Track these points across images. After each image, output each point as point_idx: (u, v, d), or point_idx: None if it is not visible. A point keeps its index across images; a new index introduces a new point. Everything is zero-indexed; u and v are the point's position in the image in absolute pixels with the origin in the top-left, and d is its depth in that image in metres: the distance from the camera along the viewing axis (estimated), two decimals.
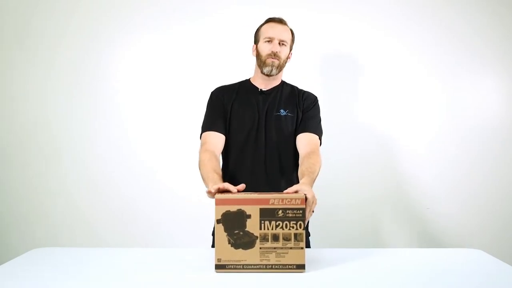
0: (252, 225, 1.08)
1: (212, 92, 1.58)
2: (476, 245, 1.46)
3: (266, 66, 1.48)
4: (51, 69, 2.22)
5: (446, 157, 2.19)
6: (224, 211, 1.09)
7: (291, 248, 1.08)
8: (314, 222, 1.56)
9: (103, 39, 2.22)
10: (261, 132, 1.49)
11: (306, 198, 1.11)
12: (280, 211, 1.09)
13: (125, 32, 2.22)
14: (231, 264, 1.08)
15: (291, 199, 1.09)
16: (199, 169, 1.39)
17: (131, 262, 1.19)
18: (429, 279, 1.05)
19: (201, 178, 1.36)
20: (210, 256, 1.15)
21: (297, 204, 1.08)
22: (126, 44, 2.23)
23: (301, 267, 1.08)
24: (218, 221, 1.09)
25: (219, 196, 1.11)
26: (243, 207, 1.09)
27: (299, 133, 1.49)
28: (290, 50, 1.55)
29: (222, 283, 1.03)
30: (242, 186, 1.17)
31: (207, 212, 1.59)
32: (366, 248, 1.34)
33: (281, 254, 1.08)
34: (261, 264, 1.08)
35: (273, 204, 1.09)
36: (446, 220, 2.19)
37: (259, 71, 1.53)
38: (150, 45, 2.22)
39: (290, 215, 1.08)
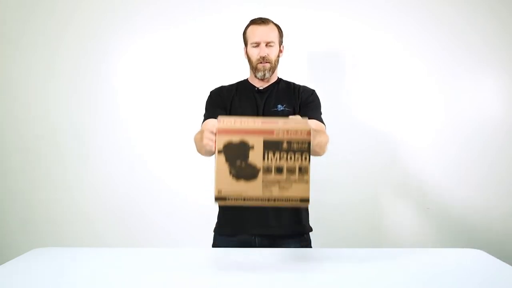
0: (255, 157, 1.03)
1: (211, 91, 1.60)
2: (476, 245, 1.46)
3: (258, 71, 1.51)
4: (51, 69, 2.22)
5: (446, 157, 2.19)
6: (226, 141, 1.03)
7: (295, 181, 1.04)
8: (314, 220, 1.56)
9: (103, 39, 2.22)
10: None
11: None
12: (285, 143, 1.03)
13: (125, 32, 2.22)
14: (232, 196, 1.03)
15: (297, 131, 1.04)
16: (195, 145, 1.42)
17: (131, 262, 1.19)
18: (429, 279, 1.05)
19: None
20: (210, 256, 1.15)
21: (303, 136, 1.04)
22: (127, 44, 2.23)
23: (305, 200, 1.04)
24: (219, 151, 1.03)
25: (222, 125, 1.06)
26: (246, 138, 1.03)
27: None
28: (281, 44, 1.56)
29: (222, 283, 1.03)
30: None
31: (208, 212, 1.60)
32: (365, 248, 1.34)
33: (285, 187, 1.03)
34: (263, 197, 1.03)
35: (277, 135, 1.04)
36: (446, 220, 2.19)
37: (253, 74, 1.55)
38: (150, 45, 2.22)
39: (295, 147, 1.03)
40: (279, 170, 1.03)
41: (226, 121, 1.07)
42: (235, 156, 1.03)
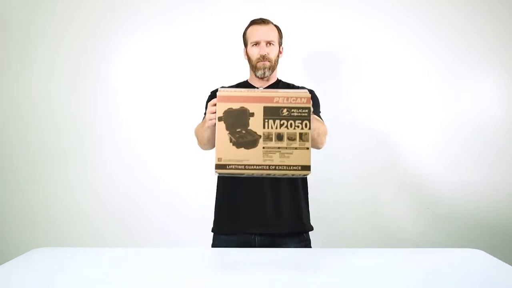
0: (255, 124, 1.03)
1: (211, 91, 1.60)
2: (476, 245, 1.46)
3: (258, 70, 1.52)
4: (51, 69, 2.22)
5: (446, 157, 2.19)
6: (226, 108, 1.04)
7: (296, 148, 1.03)
8: (314, 220, 1.56)
9: (103, 39, 2.22)
10: None
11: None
12: (285, 110, 1.04)
13: (125, 32, 2.22)
14: (232, 164, 1.03)
15: (297, 97, 1.04)
16: (197, 136, 1.45)
17: (131, 262, 1.19)
18: (429, 279, 1.05)
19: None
20: (210, 256, 1.15)
21: (303, 103, 1.04)
22: (127, 44, 2.23)
23: (306, 168, 1.04)
24: (219, 119, 1.04)
25: (222, 92, 1.06)
26: (246, 105, 1.04)
27: None
28: (280, 45, 1.58)
29: (222, 283, 1.03)
30: None
31: (208, 212, 1.60)
32: (365, 248, 1.34)
33: (286, 155, 1.03)
34: (264, 165, 1.03)
35: (277, 102, 1.04)
36: (446, 220, 2.19)
37: (253, 74, 1.56)
38: (150, 45, 2.22)
39: (295, 114, 1.04)
40: (279, 137, 1.03)
41: (226, 90, 1.08)
42: (235, 124, 1.03)
